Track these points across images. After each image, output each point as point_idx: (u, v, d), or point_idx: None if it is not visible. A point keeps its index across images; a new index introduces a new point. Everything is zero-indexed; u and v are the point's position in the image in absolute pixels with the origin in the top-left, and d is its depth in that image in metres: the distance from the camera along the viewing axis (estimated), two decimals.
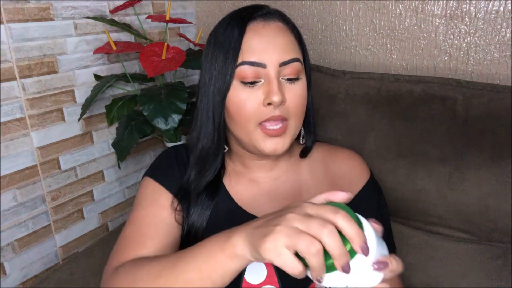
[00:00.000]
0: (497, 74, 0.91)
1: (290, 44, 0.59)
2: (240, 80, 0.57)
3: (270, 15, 0.60)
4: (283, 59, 0.57)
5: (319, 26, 1.13)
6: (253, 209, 0.65)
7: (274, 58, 0.57)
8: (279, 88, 0.56)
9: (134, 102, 1.08)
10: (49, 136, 0.99)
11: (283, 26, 0.60)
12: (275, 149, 0.58)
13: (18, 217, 0.96)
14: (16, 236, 0.96)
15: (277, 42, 0.58)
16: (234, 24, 0.59)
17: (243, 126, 0.59)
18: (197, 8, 1.37)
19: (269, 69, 0.57)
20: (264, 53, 0.57)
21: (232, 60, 0.57)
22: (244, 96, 0.57)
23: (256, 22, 0.59)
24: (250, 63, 0.57)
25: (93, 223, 1.14)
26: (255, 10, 0.61)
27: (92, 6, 1.04)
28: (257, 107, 0.57)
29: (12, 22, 0.88)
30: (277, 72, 0.57)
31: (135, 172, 1.25)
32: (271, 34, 0.58)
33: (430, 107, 0.80)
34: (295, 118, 0.60)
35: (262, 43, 0.57)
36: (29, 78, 0.93)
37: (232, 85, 0.58)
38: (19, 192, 0.95)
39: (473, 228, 0.76)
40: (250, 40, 0.58)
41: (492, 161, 0.73)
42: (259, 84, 0.58)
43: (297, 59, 0.59)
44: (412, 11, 0.97)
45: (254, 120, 0.57)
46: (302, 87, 0.60)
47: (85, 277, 0.86)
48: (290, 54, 0.58)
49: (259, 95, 0.57)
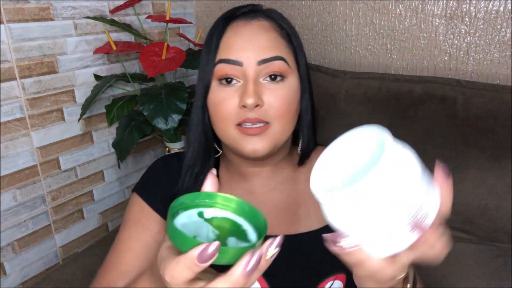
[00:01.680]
0: (497, 74, 0.91)
1: (273, 42, 0.56)
2: (218, 80, 0.56)
3: (254, 14, 0.58)
4: (262, 57, 0.54)
5: (319, 26, 1.13)
6: None
7: (251, 55, 0.54)
8: (254, 89, 0.53)
9: (134, 102, 1.08)
10: (49, 136, 0.99)
11: (267, 24, 0.58)
12: (255, 149, 0.54)
13: (18, 217, 0.96)
14: (16, 236, 0.96)
15: (257, 40, 0.55)
16: (217, 24, 0.58)
17: (222, 127, 0.56)
18: (197, 8, 1.37)
19: (246, 68, 0.54)
20: (241, 51, 0.54)
21: (212, 60, 0.56)
22: (221, 97, 0.55)
23: (237, 21, 0.57)
24: (226, 60, 0.55)
25: (93, 223, 1.14)
26: (239, 9, 0.59)
27: (92, 6, 1.04)
28: (233, 108, 0.54)
29: (12, 22, 0.88)
30: (255, 72, 0.54)
31: (135, 172, 1.25)
32: (251, 33, 0.56)
33: (430, 107, 0.80)
34: (279, 121, 0.55)
35: (240, 41, 0.55)
36: (29, 78, 0.93)
37: (212, 85, 0.56)
38: (19, 192, 0.95)
39: (473, 228, 0.76)
40: (228, 39, 0.56)
41: (492, 161, 0.73)
42: (238, 85, 0.55)
43: (279, 57, 0.55)
44: (412, 11, 0.97)
45: (231, 121, 0.55)
46: (287, 88, 0.56)
47: (85, 277, 0.86)
48: (271, 52, 0.55)
49: (235, 96, 0.55)
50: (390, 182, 0.31)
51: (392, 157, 0.31)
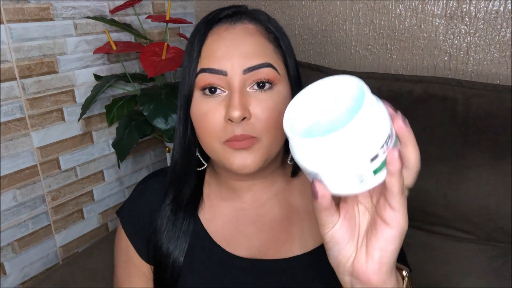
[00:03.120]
0: (497, 74, 0.91)
1: (259, 47, 0.51)
2: (201, 90, 0.51)
3: (238, 16, 0.53)
4: (248, 65, 0.49)
5: (319, 26, 1.13)
6: (235, 247, 0.58)
7: (236, 63, 0.49)
8: (240, 101, 0.48)
9: (134, 102, 1.08)
10: (49, 136, 0.99)
11: (253, 28, 0.52)
12: (244, 165, 0.50)
13: (18, 217, 0.96)
14: (16, 236, 0.96)
15: (242, 46, 0.50)
16: (198, 29, 0.53)
17: (207, 142, 0.52)
18: (197, 8, 1.37)
19: (230, 77, 0.49)
20: (224, 59, 0.49)
21: (193, 69, 0.51)
22: (205, 109, 0.50)
23: (220, 25, 0.52)
24: (208, 70, 0.49)
25: (93, 223, 1.14)
26: (221, 11, 0.54)
27: (92, 6, 1.04)
28: (219, 122, 0.49)
29: (12, 22, 0.88)
30: (241, 81, 0.49)
31: (135, 172, 1.25)
32: (235, 38, 0.50)
33: (430, 107, 0.80)
34: (267, 135, 0.50)
35: (223, 48, 0.50)
36: (29, 78, 0.93)
37: (194, 96, 0.52)
38: (19, 192, 0.95)
39: (473, 228, 0.76)
40: (210, 45, 0.51)
41: (492, 161, 0.73)
42: (223, 95, 0.50)
43: (267, 64, 0.50)
44: (412, 11, 0.97)
45: (217, 138, 0.50)
46: (276, 97, 0.51)
47: (85, 277, 0.86)
48: (257, 58, 0.49)
49: (220, 108, 0.49)
50: (366, 133, 0.32)
51: (371, 109, 0.32)
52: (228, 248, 0.58)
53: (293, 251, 0.57)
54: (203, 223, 0.60)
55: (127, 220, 0.65)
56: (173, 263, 0.59)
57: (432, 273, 0.80)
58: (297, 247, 0.57)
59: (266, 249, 0.57)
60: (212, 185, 0.62)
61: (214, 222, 0.60)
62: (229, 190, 0.60)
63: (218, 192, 0.61)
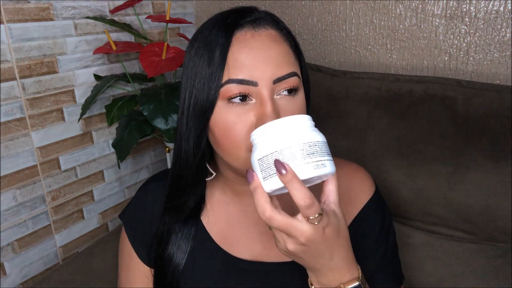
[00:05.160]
0: (497, 74, 0.91)
1: (286, 55, 0.50)
2: (227, 99, 0.49)
3: (261, 21, 0.52)
4: (278, 75, 0.49)
5: (319, 26, 1.13)
6: (238, 249, 0.59)
7: (266, 74, 0.48)
8: (273, 109, 0.48)
9: (134, 102, 1.08)
10: (49, 136, 0.99)
11: (276, 34, 0.52)
12: None
13: (18, 217, 0.96)
14: (16, 236, 0.96)
15: (270, 55, 0.49)
16: (218, 33, 0.50)
17: (233, 152, 0.50)
18: (197, 8, 1.37)
19: (261, 87, 0.48)
20: (254, 69, 0.48)
21: (217, 78, 0.49)
22: (232, 119, 0.49)
23: (244, 31, 0.50)
24: (238, 81, 0.48)
25: (93, 223, 1.14)
26: (242, 15, 0.52)
27: (92, 6, 1.04)
28: (248, 131, 0.48)
29: (12, 22, 0.88)
30: (270, 90, 0.48)
31: (135, 172, 1.25)
32: (262, 46, 0.49)
33: (430, 107, 0.80)
34: None
35: (251, 57, 0.48)
36: (29, 78, 0.93)
37: (217, 105, 0.49)
38: (19, 192, 0.95)
39: (473, 228, 0.76)
40: (237, 54, 0.49)
41: (492, 161, 0.73)
42: (251, 104, 0.49)
43: (294, 73, 0.50)
44: (412, 11, 0.97)
45: (245, 145, 0.49)
46: (301, 101, 0.52)
47: (85, 277, 0.86)
48: (285, 68, 0.49)
49: (250, 117, 0.48)
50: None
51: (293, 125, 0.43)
52: (231, 251, 0.58)
53: None
54: (205, 226, 0.60)
55: (129, 224, 0.65)
56: (175, 266, 0.59)
57: (432, 273, 0.80)
58: None
59: (268, 252, 0.58)
60: (214, 188, 0.62)
61: (217, 225, 0.60)
62: (233, 194, 0.60)
63: (221, 195, 0.61)
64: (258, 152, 0.43)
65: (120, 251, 0.67)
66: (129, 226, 0.65)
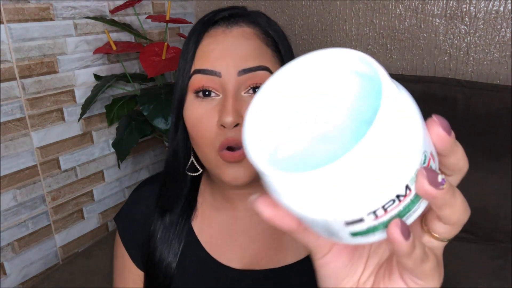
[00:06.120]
0: (497, 74, 0.91)
1: (256, 50, 0.49)
2: (194, 93, 0.49)
3: (235, 19, 0.51)
4: (243, 66, 0.47)
5: (319, 26, 1.13)
6: (228, 257, 0.58)
7: (231, 64, 0.47)
8: (234, 106, 0.46)
9: (134, 102, 1.08)
10: (49, 136, 0.99)
11: (250, 31, 0.50)
12: (236, 177, 0.49)
13: (18, 217, 0.96)
14: (16, 236, 0.96)
15: (237, 48, 0.48)
16: (194, 31, 0.51)
17: (202, 149, 0.50)
18: (197, 8, 1.37)
19: (225, 78, 0.47)
20: (219, 60, 0.47)
21: (187, 70, 0.49)
22: (198, 114, 0.48)
23: (216, 28, 0.50)
24: (202, 71, 0.48)
25: (93, 223, 1.14)
26: (218, 13, 0.52)
27: (92, 6, 1.04)
28: (212, 128, 0.48)
29: (12, 22, 0.88)
30: (235, 84, 0.47)
31: (135, 172, 1.25)
32: (231, 41, 0.49)
33: (430, 107, 0.80)
34: None
35: (218, 49, 0.48)
36: (29, 78, 0.93)
37: (187, 98, 0.50)
38: (19, 192, 0.95)
39: (473, 228, 0.76)
40: (205, 47, 0.49)
41: (492, 160, 0.73)
42: (217, 99, 0.48)
43: (263, 67, 0.48)
44: (412, 11, 0.97)
45: (211, 144, 0.48)
46: None
47: (85, 277, 0.86)
48: (254, 61, 0.47)
49: (214, 114, 0.48)
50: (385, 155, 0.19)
51: (392, 112, 0.19)
52: (221, 258, 0.58)
53: (286, 259, 0.56)
54: (195, 232, 0.60)
55: (123, 228, 0.65)
56: (166, 269, 0.58)
57: None
58: (290, 255, 0.56)
59: (259, 259, 0.57)
60: (206, 193, 0.62)
61: (207, 232, 0.60)
62: (223, 198, 0.59)
63: (212, 201, 0.60)
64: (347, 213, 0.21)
65: (114, 253, 0.67)
66: (122, 229, 0.65)
